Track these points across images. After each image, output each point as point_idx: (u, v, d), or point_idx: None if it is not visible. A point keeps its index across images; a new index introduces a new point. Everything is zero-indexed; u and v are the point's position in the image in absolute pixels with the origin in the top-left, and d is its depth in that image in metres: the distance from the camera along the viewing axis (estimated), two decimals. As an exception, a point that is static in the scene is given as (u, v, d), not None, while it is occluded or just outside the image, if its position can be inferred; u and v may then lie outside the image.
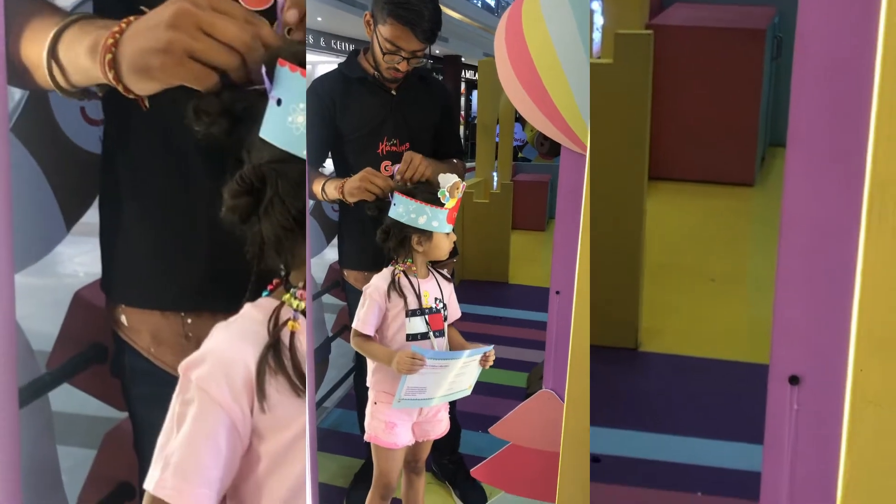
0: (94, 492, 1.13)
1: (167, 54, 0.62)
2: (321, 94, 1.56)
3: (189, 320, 0.92)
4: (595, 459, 1.21)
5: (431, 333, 1.28)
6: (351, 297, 1.65)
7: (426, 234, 1.27)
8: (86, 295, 1.10)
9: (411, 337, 1.27)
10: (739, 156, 3.54)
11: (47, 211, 1.02)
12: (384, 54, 1.47)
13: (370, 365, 1.32)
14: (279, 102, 0.60)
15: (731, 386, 1.86)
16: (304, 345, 0.65)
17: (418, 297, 1.28)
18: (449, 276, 1.40)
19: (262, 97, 0.62)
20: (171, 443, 0.62)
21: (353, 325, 1.27)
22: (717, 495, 1.45)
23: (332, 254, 2.15)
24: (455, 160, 1.65)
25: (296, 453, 0.65)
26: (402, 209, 1.25)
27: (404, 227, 1.26)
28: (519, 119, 7.18)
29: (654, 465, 1.56)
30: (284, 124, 0.60)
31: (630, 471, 1.54)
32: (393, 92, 1.56)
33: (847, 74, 0.57)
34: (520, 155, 7.59)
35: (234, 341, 0.65)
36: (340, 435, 2.03)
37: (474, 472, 1.28)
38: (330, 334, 2.17)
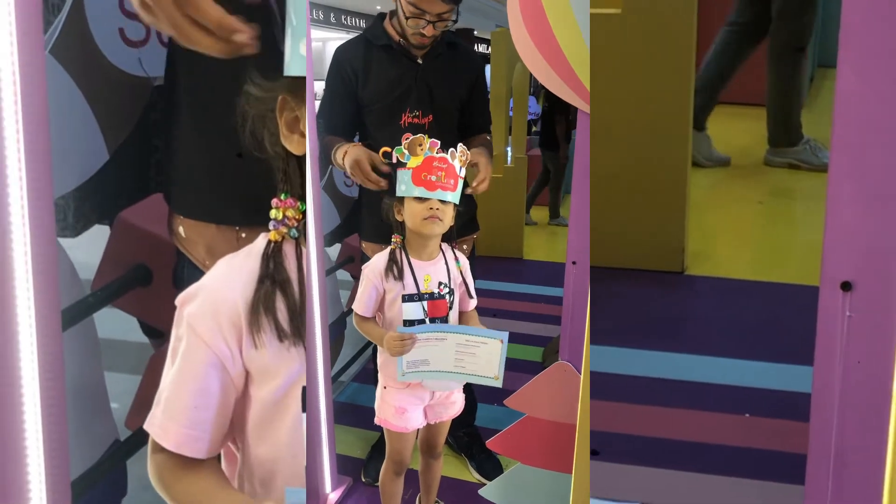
0: (141, 416, 1.13)
1: None
2: (343, 63, 1.51)
3: (243, 234, 0.95)
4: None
5: (428, 321, 1.18)
6: (367, 271, 1.64)
7: (401, 201, 1.18)
8: (128, 217, 1.10)
9: (408, 323, 1.18)
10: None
11: (88, 133, 1.01)
12: (408, 18, 1.41)
13: (379, 347, 1.26)
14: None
15: (778, 308, 1.84)
16: (296, 291, 0.65)
17: (416, 280, 1.18)
18: (465, 255, 1.32)
19: None
20: (166, 378, 0.62)
21: (353, 306, 1.23)
22: (765, 416, 1.44)
23: (345, 229, 2.15)
24: (484, 135, 1.62)
25: (288, 402, 0.64)
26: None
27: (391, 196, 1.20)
28: (533, 92, 7.06)
29: (701, 386, 1.55)
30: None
31: (678, 392, 1.53)
32: (419, 60, 1.51)
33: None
34: (534, 129, 7.49)
35: (229, 276, 0.64)
36: (357, 408, 2.05)
37: (490, 443, 1.27)
38: (345, 309, 2.18)
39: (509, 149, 4.35)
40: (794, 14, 2.51)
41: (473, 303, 1.29)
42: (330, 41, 10.28)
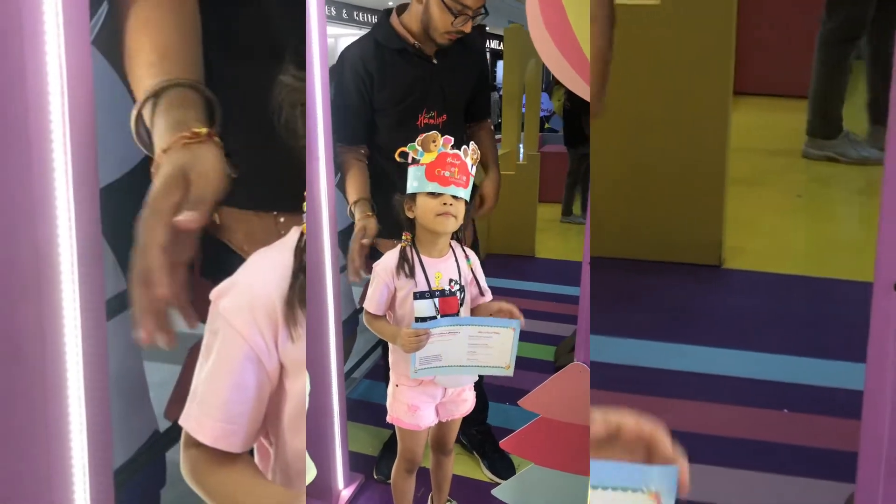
0: (179, 407, 1.13)
1: None
2: (355, 66, 1.49)
3: (282, 219, 0.94)
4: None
5: (439, 318, 1.18)
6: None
7: (412, 198, 1.18)
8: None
9: (420, 320, 1.18)
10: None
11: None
12: (456, 16, 1.40)
13: (390, 345, 1.26)
14: None
15: (816, 303, 1.83)
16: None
17: (427, 278, 1.19)
18: (472, 251, 1.31)
19: None
20: (200, 373, 0.62)
21: (364, 304, 1.22)
22: (804, 412, 1.44)
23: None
24: (487, 122, 1.66)
25: None
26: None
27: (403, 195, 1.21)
28: (546, 89, 7.04)
29: (739, 381, 1.55)
30: None
31: (716, 388, 1.53)
32: (434, 61, 1.50)
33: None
34: (546, 125, 7.48)
35: (263, 270, 0.64)
36: (369, 405, 2.06)
37: (503, 443, 1.27)
38: (357, 306, 2.18)
39: (521, 145, 4.34)
40: (848, 3, 2.44)
41: (487, 297, 1.29)
42: (342, 37, 10.26)
